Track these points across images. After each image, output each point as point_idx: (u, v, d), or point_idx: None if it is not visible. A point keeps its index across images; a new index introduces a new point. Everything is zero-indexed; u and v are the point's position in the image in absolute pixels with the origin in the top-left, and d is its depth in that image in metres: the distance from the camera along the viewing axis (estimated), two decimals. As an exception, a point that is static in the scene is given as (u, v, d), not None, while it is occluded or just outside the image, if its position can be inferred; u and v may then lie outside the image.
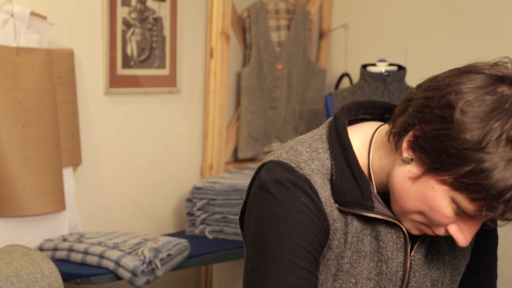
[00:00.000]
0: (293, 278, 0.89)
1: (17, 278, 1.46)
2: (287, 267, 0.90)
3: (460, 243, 0.92)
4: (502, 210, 0.86)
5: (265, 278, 0.90)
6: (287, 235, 0.91)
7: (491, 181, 0.84)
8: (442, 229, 0.93)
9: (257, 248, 0.92)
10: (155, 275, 1.99)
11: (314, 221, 0.93)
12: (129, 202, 2.40)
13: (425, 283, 1.02)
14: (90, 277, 1.90)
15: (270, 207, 0.93)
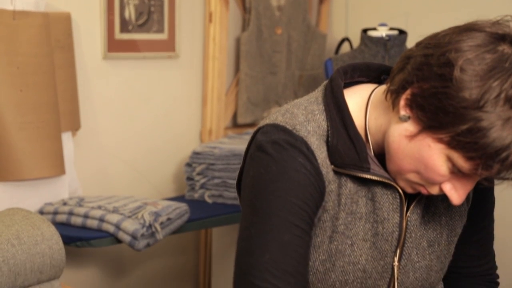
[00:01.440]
0: (288, 235, 0.89)
1: (18, 240, 1.47)
2: (282, 225, 0.90)
3: (454, 201, 0.93)
4: (498, 169, 0.86)
5: (259, 234, 0.90)
6: (283, 194, 0.91)
7: (487, 140, 0.84)
8: (436, 188, 0.94)
9: (253, 206, 0.93)
10: (155, 239, 2.01)
11: (311, 181, 0.93)
12: (128, 167, 2.41)
13: (421, 244, 1.03)
14: (91, 240, 1.92)
15: (267, 166, 0.93)
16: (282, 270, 0.87)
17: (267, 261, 0.88)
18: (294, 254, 0.89)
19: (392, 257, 1.01)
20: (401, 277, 1.02)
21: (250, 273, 0.88)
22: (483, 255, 1.14)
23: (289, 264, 0.88)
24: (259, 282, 0.87)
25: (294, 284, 0.87)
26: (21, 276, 1.46)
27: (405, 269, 1.03)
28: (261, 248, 0.89)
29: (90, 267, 2.36)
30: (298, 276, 0.88)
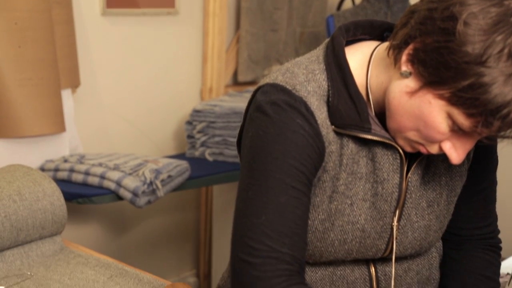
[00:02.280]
0: (285, 197, 0.89)
1: (19, 196, 1.47)
2: (279, 186, 0.89)
3: (453, 160, 0.92)
4: (498, 127, 0.85)
5: (256, 196, 0.90)
6: (281, 155, 0.91)
7: (489, 96, 0.83)
8: (436, 146, 0.93)
9: (250, 167, 0.92)
10: (156, 196, 2.02)
11: (309, 142, 0.92)
12: (129, 124, 2.41)
13: (420, 204, 1.03)
14: (92, 197, 1.93)
15: (265, 127, 0.92)
16: (278, 232, 0.87)
17: (263, 222, 0.88)
18: (290, 216, 0.89)
19: (391, 217, 1.01)
20: (400, 237, 1.03)
21: (246, 235, 0.88)
22: (484, 218, 1.13)
23: (285, 226, 0.88)
24: (254, 243, 0.87)
25: (290, 245, 0.87)
26: (23, 231, 1.47)
27: (404, 229, 1.03)
28: (257, 210, 0.89)
29: (91, 224, 2.38)
30: (295, 237, 0.88)
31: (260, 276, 0.85)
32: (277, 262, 0.85)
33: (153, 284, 1.35)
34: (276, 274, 0.85)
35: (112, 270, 1.42)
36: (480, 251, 1.12)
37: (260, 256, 0.86)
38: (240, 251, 0.88)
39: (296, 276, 0.86)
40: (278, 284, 0.84)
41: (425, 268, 1.12)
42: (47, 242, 1.53)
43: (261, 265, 0.85)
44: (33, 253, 1.49)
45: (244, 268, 0.86)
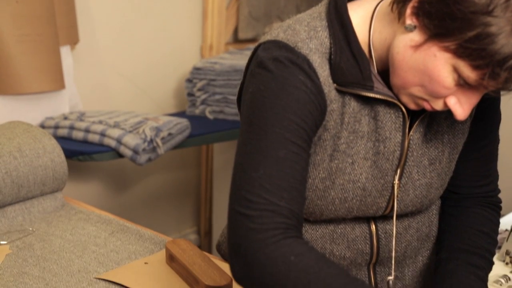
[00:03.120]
0: (284, 152, 0.88)
1: (20, 153, 1.48)
2: (279, 141, 0.89)
3: (458, 116, 0.91)
4: (505, 78, 0.84)
5: (255, 150, 0.89)
6: (282, 110, 0.90)
7: (495, 46, 0.82)
8: (440, 102, 0.92)
9: (250, 122, 0.91)
10: (156, 153, 2.02)
11: (311, 99, 0.91)
12: (128, 82, 2.39)
13: (422, 162, 1.03)
14: (92, 154, 1.93)
15: (267, 83, 0.91)
16: (276, 185, 0.87)
17: (261, 176, 0.87)
18: (289, 170, 0.88)
19: (393, 176, 1.01)
20: (401, 195, 1.03)
21: (244, 188, 0.87)
22: (484, 176, 1.13)
23: (283, 180, 0.87)
24: (252, 196, 0.86)
25: (288, 199, 0.87)
26: (24, 188, 1.47)
27: (405, 187, 1.03)
28: (256, 164, 0.88)
29: (92, 181, 2.39)
30: (293, 191, 0.88)
31: (256, 228, 0.84)
32: (274, 215, 0.85)
33: (154, 240, 1.36)
34: (273, 226, 0.84)
35: (113, 226, 1.43)
36: (478, 208, 1.13)
37: (257, 209, 0.85)
38: (237, 204, 0.87)
39: (293, 230, 0.86)
40: (274, 236, 0.84)
41: (425, 226, 1.12)
42: (48, 198, 1.54)
43: (258, 218, 0.85)
44: (35, 209, 1.50)
45: (240, 221, 0.86)
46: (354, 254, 1.06)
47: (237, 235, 0.86)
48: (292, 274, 0.81)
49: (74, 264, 1.26)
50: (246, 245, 0.84)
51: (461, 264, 1.04)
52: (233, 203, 0.88)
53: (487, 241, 1.09)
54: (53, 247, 1.33)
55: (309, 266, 0.82)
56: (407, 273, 1.13)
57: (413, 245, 1.11)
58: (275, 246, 0.83)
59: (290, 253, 0.83)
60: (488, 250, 1.08)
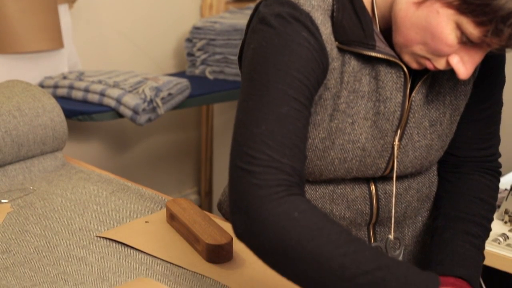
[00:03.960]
0: (286, 108, 0.87)
1: (19, 112, 1.47)
2: (281, 97, 0.87)
3: (461, 75, 0.90)
4: (509, 34, 0.83)
5: (257, 106, 0.87)
6: (284, 66, 0.88)
7: (499, 1, 0.81)
8: (443, 61, 0.91)
9: (252, 79, 0.90)
10: (156, 114, 2.02)
11: (313, 56, 0.90)
12: (128, 41, 2.37)
13: (423, 124, 1.02)
14: (92, 114, 1.92)
15: (269, 39, 0.90)
16: (278, 142, 0.85)
17: (263, 132, 0.86)
18: (291, 127, 0.87)
19: (393, 137, 1.01)
20: (401, 156, 1.03)
21: (246, 144, 0.86)
22: (484, 139, 1.11)
23: (285, 136, 0.86)
24: (255, 152, 0.85)
25: (290, 156, 0.86)
26: (25, 147, 1.47)
27: (405, 148, 1.03)
28: (258, 120, 0.87)
29: (93, 141, 2.39)
30: (295, 149, 0.87)
31: (259, 184, 0.83)
32: (277, 172, 0.84)
33: (154, 199, 1.37)
34: (276, 183, 0.84)
35: (114, 185, 1.43)
36: (476, 174, 1.11)
37: (260, 165, 0.84)
38: (239, 160, 0.86)
39: (295, 188, 0.86)
40: (277, 193, 0.83)
41: (425, 187, 1.12)
42: (48, 157, 1.54)
43: (261, 174, 0.84)
44: (35, 168, 1.50)
45: (243, 177, 0.85)
46: (354, 214, 1.07)
47: (239, 191, 0.85)
48: (295, 230, 0.81)
49: (75, 222, 1.27)
50: (248, 201, 0.83)
51: (457, 233, 1.04)
52: (235, 159, 0.87)
53: (484, 208, 1.08)
54: (54, 206, 1.34)
55: (313, 223, 0.82)
56: (407, 233, 1.13)
57: (413, 206, 1.11)
58: (278, 202, 0.83)
59: (294, 209, 0.82)
60: (486, 217, 1.08)
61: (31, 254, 1.14)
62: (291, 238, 0.81)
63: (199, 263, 1.10)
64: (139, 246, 1.16)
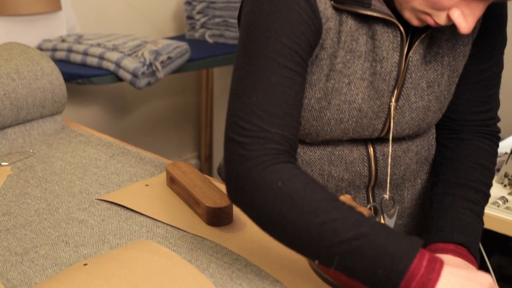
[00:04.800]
0: (276, 77, 0.87)
1: (18, 75, 1.46)
2: (271, 66, 0.87)
3: (462, 29, 0.89)
4: None
5: (247, 75, 0.88)
6: (274, 33, 0.88)
7: None
8: (444, 15, 0.90)
9: (244, 45, 0.90)
10: (156, 77, 2.00)
11: (304, 19, 0.89)
12: (126, 4, 2.34)
13: (420, 85, 1.01)
14: (91, 78, 1.91)
15: (260, 4, 0.89)
16: (268, 112, 0.86)
17: (253, 103, 0.87)
18: (281, 96, 0.87)
19: (389, 97, 1.00)
20: (397, 117, 1.02)
21: (237, 115, 0.88)
22: (483, 102, 1.10)
23: (276, 106, 0.87)
24: (244, 123, 0.86)
25: (281, 125, 0.87)
26: (24, 110, 1.47)
27: (402, 110, 1.02)
28: (249, 90, 0.87)
29: (92, 105, 2.38)
30: (286, 117, 0.87)
31: (247, 155, 0.85)
32: (265, 142, 0.86)
33: (154, 163, 1.37)
34: (263, 153, 0.85)
35: (114, 149, 1.43)
36: (475, 140, 1.10)
37: (248, 136, 0.86)
38: (230, 131, 0.88)
39: (284, 155, 0.86)
40: (264, 162, 0.85)
41: (424, 149, 1.12)
42: (48, 121, 1.53)
43: (249, 145, 0.85)
44: (35, 131, 1.50)
45: (233, 147, 0.87)
46: (353, 176, 1.07)
47: (230, 161, 0.87)
48: (278, 200, 0.83)
49: (75, 185, 1.27)
50: (237, 171, 0.86)
51: (457, 199, 1.03)
52: (227, 129, 0.89)
53: (483, 173, 1.08)
54: (54, 169, 1.34)
55: (294, 192, 0.83)
56: (406, 196, 1.13)
57: (412, 168, 1.11)
58: (263, 172, 0.84)
59: (277, 179, 0.84)
60: (485, 183, 1.07)
61: (31, 216, 1.15)
62: (274, 207, 0.83)
63: (199, 226, 1.11)
64: (140, 209, 1.16)
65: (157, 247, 1.01)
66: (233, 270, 0.99)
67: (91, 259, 0.99)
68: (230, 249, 1.04)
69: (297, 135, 0.90)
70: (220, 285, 0.95)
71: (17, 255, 1.03)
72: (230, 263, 1.00)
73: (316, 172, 1.07)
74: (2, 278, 0.97)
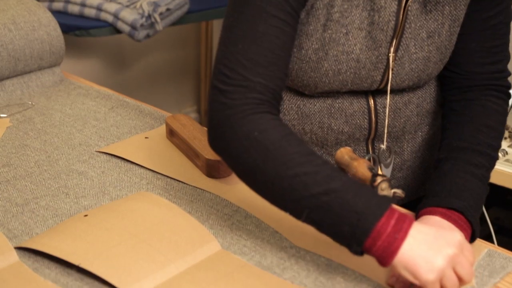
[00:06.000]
0: (264, 26, 0.86)
1: (15, 25, 1.44)
2: (259, 15, 0.86)
3: None
4: None
5: (236, 24, 0.87)
6: None
7: None
8: None
9: None
10: (155, 30, 1.98)
11: None
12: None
13: (420, 35, 1.00)
14: (89, 30, 1.89)
15: None
16: (252, 61, 0.86)
17: (238, 51, 0.86)
18: (268, 45, 0.86)
19: (388, 48, 0.99)
20: (397, 68, 1.01)
21: (222, 62, 0.87)
22: (488, 53, 1.06)
23: (261, 55, 0.86)
24: (229, 71, 0.86)
25: (265, 75, 0.86)
26: (22, 61, 1.45)
27: (401, 60, 1.01)
28: (235, 39, 0.87)
29: (90, 58, 2.36)
30: (271, 67, 0.87)
31: (227, 103, 0.85)
32: (247, 91, 0.85)
33: (154, 115, 1.36)
34: (243, 102, 0.85)
35: (113, 101, 1.43)
36: (482, 100, 1.05)
37: (231, 84, 0.86)
38: (215, 78, 0.88)
39: (264, 105, 0.86)
40: (243, 111, 0.84)
41: (426, 102, 1.11)
42: (46, 73, 1.52)
43: (230, 93, 0.85)
44: (33, 83, 1.49)
45: (215, 95, 0.87)
46: (352, 128, 1.06)
47: (211, 109, 0.88)
48: (252, 150, 0.83)
49: (74, 137, 1.27)
50: (217, 119, 0.86)
51: (458, 163, 0.99)
52: (212, 76, 0.89)
53: (490, 135, 1.02)
54: (53, 121, 1.33)
55: (270, 143, 0.83)
56: (406, 148, 1.13)
57: (413, 121, 1.10)
58: (242, 121, 0.84)
59: (254, 128, 0.84)
60: (491, 145, 1.01)
61: (31, 168, 1.15)
62: (249, 157, 0.83)
63: (199, 178, 1.11)
64: (139, 161, 1.16)
65: (157, 199, 1.02)
66: (233, 221, 0.99)
67: (91, 210, 1.00)
68: (230, 200, 1.04)
69: (282, 86, 0.89)
70: (220, 236, 0.95)
71: (17, 206, 1.03)
72: (230, 214, 1.01)
73: (315, 125, 1.07)
74: (3, 228, 0.98)
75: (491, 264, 0.91)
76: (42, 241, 0.92)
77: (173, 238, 0.91)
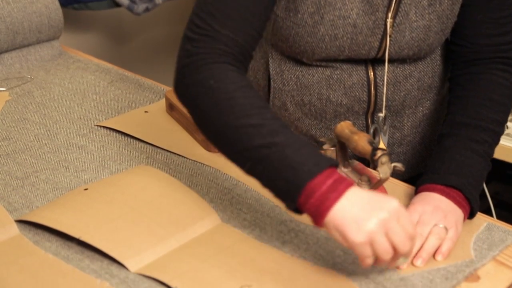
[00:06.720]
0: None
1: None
2: None
3: None
4: None
5: None
6: None
7: None
8: None
9: None
10: (154, 3, 1.96)
11: None
12: None
13: (421, 3, 0.98)
14: (88, 3, 1.87)
15: None
16: (223, 13, 0.86)
17: (211, 2, 0.87)
18: (243, 1, 0.87)
19: (385, 12, 0.97)
20: (396, 35, 0.99)
21: (195, 13, 0.89)
22: (496, 24, 1.03)
23: (232, 9, 0.87)
24: (199, 21, 0.87)
25: (233, 28, 0.86)
26: (20, 34, 1.44)
27: (400, 28, 0.99)
28: None
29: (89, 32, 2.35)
30: (242, 22, 0.87)
31: (191, 50, 0.86)
32: (212, 41, 0.86)
33: (153, 89, 1.36)
34: (207, 51, 0.86)
35: (112, 75, 1.42)
36: (488, 74, 1.03)
37: (198, 33, 0.87)
38: (187, 27, 0.89)
39: (227, 57, 0.86)
40: (204, 59, 0.85)
41: (427, 76, 1.09)
42: (45, 46, 1.51)
43: (196, 41, 0.87)
44: (32, 57, 1.48)
45: (184, 43, 0.88)
46: (351, 101, 1.06)
47: (178, 55, 0.89)
48: (206, 97, 0.83)
49: (74, 111, 1.26)
50: (181, 65, 0.87)
51: (459, 140, 0.97)
52: (186, 26, 0.90)
53: (494, 109, 0.99)
54: (53, 95, 1.33)
55: (223, 92, 0.83)
56: (406, 123, 1.12)
57: (413, 95, 1.09)
58: (200, 69, 0.85)
59: (211, 77, 0.84)
60: (495, 120, 0.99)
61: (31, 142, 1.15)
62: (202, 104, 0.84)
63: (199, 152, 1.11)
64: (139, 135, 1.16)
65: (157, 172, 1.02)
66: (233, 195, 0.99)
67: (91, 184, 1.00)
68: (229, 175, 1.05)
69: (253, 43, 0.89)
70: (220, 210, 0.96)
71: (18, 179, 1.03)
72: (230, 188, 1.01)
73: (314, 96, 1.06)
74: (4, 202, 0.98)
75: (490, 238, 0.91)
76: (42, 214, 0.92)
77: (173, 212, 0.92)
